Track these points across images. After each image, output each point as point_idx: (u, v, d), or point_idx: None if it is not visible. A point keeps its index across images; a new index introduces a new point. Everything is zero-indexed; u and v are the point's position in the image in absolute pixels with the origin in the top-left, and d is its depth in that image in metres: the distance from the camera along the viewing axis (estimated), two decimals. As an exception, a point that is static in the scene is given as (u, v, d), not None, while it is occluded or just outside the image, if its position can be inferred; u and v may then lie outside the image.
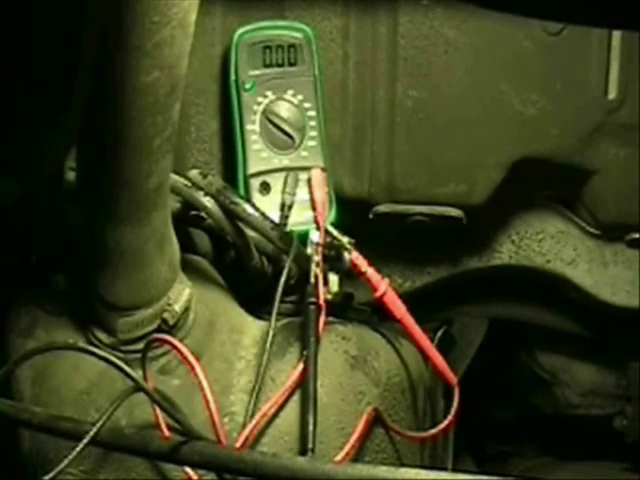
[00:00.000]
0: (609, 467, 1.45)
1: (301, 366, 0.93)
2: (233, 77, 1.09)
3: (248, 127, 1.08)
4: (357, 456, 0.96)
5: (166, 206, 0.89)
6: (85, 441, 0.80)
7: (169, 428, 0.88)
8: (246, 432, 0.89)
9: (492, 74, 1.13)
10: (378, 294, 1.02)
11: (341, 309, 1.04)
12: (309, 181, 1.07)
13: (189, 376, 0.87)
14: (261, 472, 0.77)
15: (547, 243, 1.26)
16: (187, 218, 1.02)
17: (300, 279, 1.01)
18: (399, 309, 1.03)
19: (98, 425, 0.81)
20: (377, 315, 1.08)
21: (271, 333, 0.94)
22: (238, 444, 0.88)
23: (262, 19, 1.10)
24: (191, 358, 0.85)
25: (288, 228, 1.03)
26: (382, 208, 1.15)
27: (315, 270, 0.98)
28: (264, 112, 1.08)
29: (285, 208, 1.05)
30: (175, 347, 0.87)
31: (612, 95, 1.18)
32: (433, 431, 1.04)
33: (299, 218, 1.06)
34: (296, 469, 0.76)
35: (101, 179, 0.83)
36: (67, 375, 0.95)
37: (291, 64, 1.10)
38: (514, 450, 1.58)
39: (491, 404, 1.54)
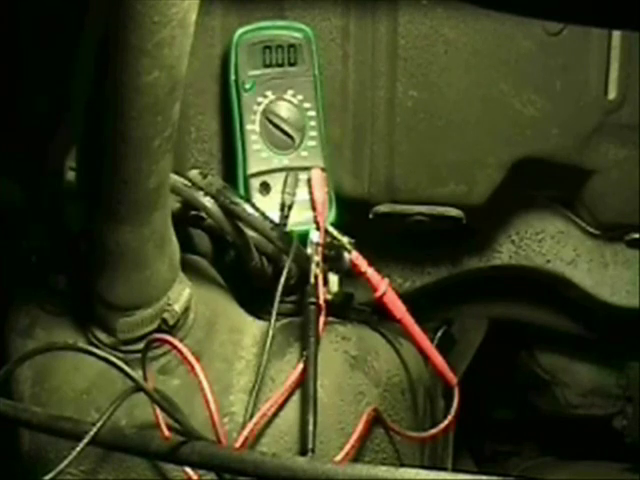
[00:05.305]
0: (609, 467, 1.45)
1: (301, 366, 0.93)
2: (233, 77, 1.09)
3: (248, 127, 1.08)
4: (357, 456, 0.96)
5: (166, 206, 0.89)
6: (85, 441, 0.80)
7: (169, 428, 0.88)
8: (246, 432, 0.89)
9: (492, 74, 1.13)
10: (378, 294, 1.02)
11: (341, 309, 1.04)
12: (309, 181, 1.07)
13: (189, 376, 0.87)
14: (261, 472, 0.77)
15: (547, 243, 1.26)
16: (187, 218, 1.02)
17: (300, 279, 1.01)
18: (399, 309, 1.03)
19: (98, 425, 0.81)
20: (377, 315, 1.08)
21: (271, 333, 0.94)
22: (238, 444, 0.88)
23: (262, 19, 1.10)
24: (191, 358, 0.85)
25: (288, 228, 1.03)
26: (382, 208, 1.15)
27: (315, 270, 0.98)
28: (264, 112, 1.08)
29: (285, 208, 1.05)
30: (175, 347, 0.87)
31: (612, 95, 1.18)
32: (433, 431, 1.04)
33: (299, 218, 1.05)
34: (296, 469, 0.76)
35: (101, 179, 0.83)
36: (67, 375, 0.95)
37: (291, 64, 1.10)
38: (514, 450, 1.58)
39: (491, 404, 1.54)
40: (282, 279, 0.97)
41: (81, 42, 0.80)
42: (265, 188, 1.07)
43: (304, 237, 1.01)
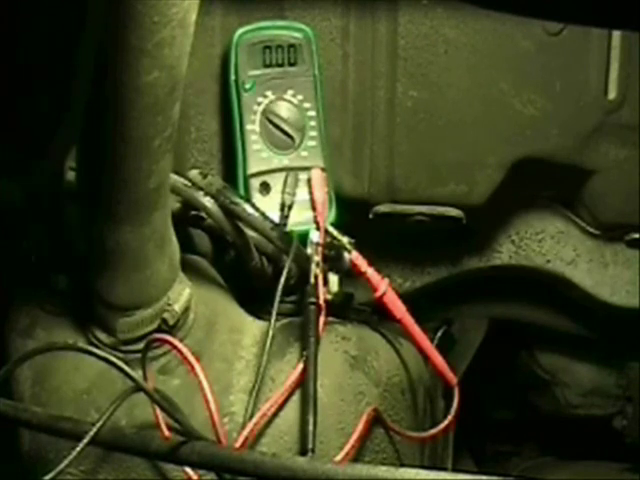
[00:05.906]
0: (609, 467, 1.45)
1: (301, 366, 0.93)
2: (233, 77, 1.09)
3: (248, 127, 1.08)
4: (357, 456, 0.96)
5: (166, 206, 0.89)
6: (85, 441, 0.80)
7: (169, 428, 0.88)
8: (246, 432, 0.89)
9: (492, 74, 1.13)
10: (378, 294, 1.02)
11: (341, 309, 1.04)
12: (309, 181, 1.07)
13: (189, 376, 0.87)
14: (261, 472, 0.77)
15: (547, 243, 1.26)
16: (187, 218, 1.02)
17: (300, 279, 1.01)
18: (399, 309, 1.03)
19: (98, 425, 0.81)
20: (377, 315, 1.08)
21: (271, 333, 0.94)
22: (238, 444, 0.88)
23: (262, 19, 1.10)
24: (191, 358, 0.85)
25: (288, 228, 1.03)
26: (382, 208, 1.15)
27: (315, 270, 0.98)
28: (264, 112, 1.08)
29: (285, 208, 1.05)
30: (175, 347, 0.87)
31: (612, 95, 1.18)
32: (433, 431, 1.04)
33: (299, 218, 1.06)
34: (296, 469, 0.76)
35: (101, 179, 0.83)
36: (67, 375, 0.95)
37: (291, 64, 1.10)
38: (514, 450, 1.58)
39: (491, 404, 1.54)
40: (282, 279, 0.97)
41: (81, 42, 0.80)
42: (265, 188, 1.07)
43: (304, 237, 1.01)
